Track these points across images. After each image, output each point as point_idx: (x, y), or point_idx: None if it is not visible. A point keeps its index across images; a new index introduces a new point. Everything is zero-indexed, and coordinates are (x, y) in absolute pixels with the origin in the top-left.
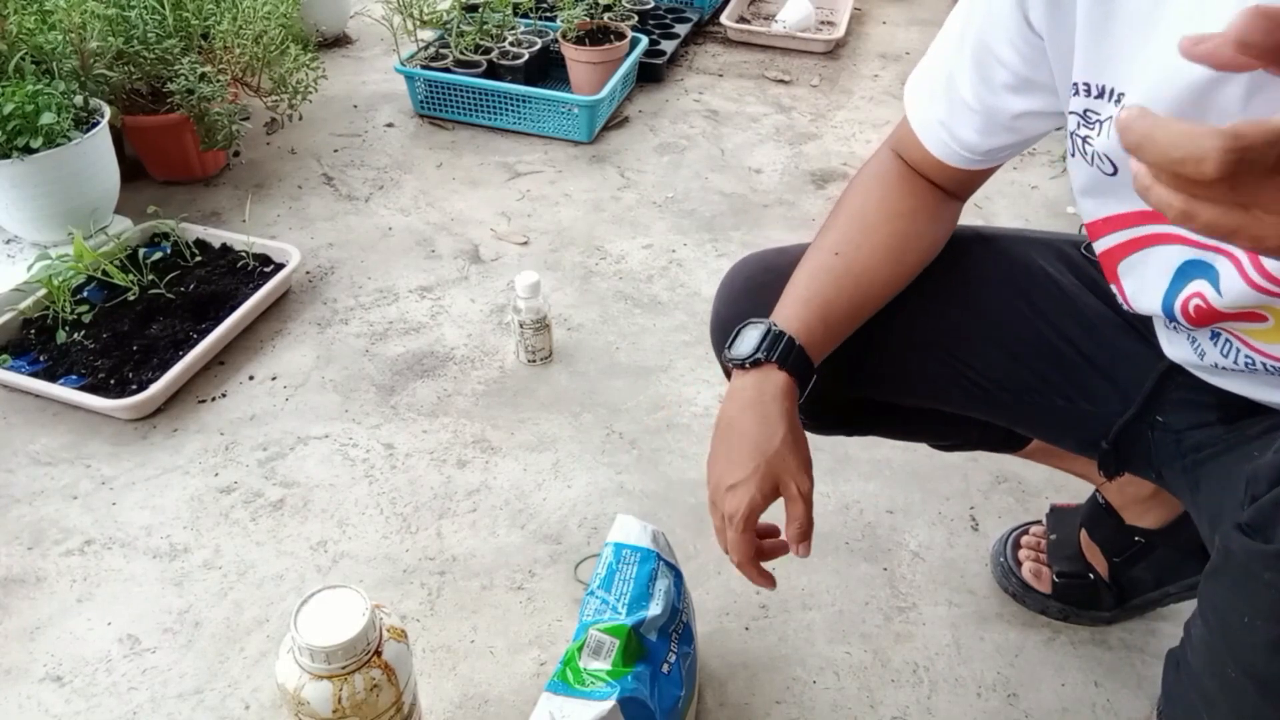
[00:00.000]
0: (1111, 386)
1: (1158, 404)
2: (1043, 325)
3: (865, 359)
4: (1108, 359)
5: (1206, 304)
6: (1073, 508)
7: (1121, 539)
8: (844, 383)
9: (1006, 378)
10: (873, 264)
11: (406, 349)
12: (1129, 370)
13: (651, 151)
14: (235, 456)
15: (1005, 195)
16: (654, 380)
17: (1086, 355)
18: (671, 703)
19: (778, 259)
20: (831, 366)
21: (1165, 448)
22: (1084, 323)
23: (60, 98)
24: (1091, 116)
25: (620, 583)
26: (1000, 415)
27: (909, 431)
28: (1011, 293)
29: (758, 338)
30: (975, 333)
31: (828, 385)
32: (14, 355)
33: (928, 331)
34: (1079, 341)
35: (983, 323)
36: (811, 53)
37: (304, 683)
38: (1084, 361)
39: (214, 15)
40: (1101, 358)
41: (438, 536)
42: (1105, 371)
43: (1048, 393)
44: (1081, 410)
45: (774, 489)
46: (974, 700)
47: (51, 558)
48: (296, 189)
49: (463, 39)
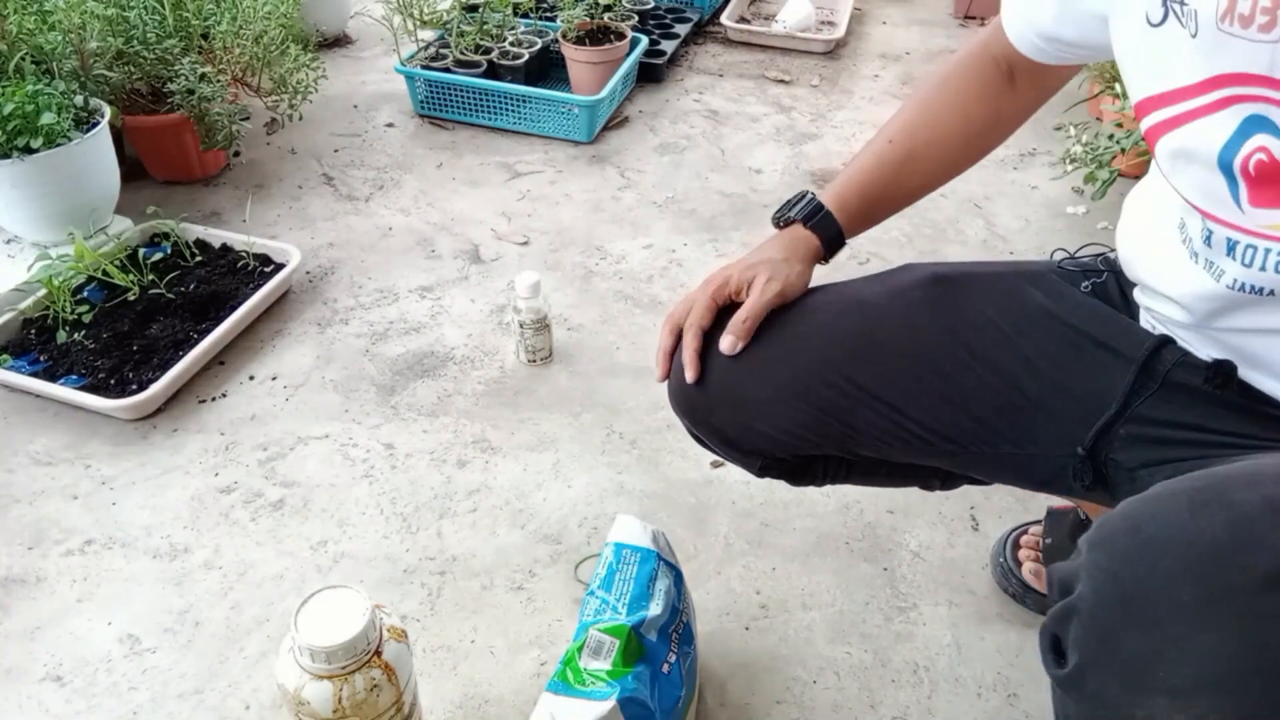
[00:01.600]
0: (1059, 427)
1: (1108, 442)
2: (985, 372)
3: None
4: (1054, 398)
5: (1271, 158)
6: (1069, 510)
7: None
8: (791, 443)
9: (950, 429)
10: (929, 151)
11: (407, 349)
12: (1078, 404)
13: (651, 151)
14: (235, 456)
15: (1006, 195)
16: (654, 380)
17: (1030, 398)
18: (671, 703)
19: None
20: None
21: (1122, 485)
22: (1027, 364)
23: (60, 98)
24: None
25: (620, 583)
26: (952, 463)
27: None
28: (953, 342)
29: (795, 202)
30: (917, 384)
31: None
32: (14, 355)
33: (869, 383)
34: (1023, 384)
35: (925, 373)
36: (811, 53)
37: (304, 683)
38: (1028, 405)
39: (214, 15)
40: (1048, 398)
41: (438, 536)
42: (1052, 411)
43: (994, 441)
44: (1029, 454)
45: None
46: (974, 700)
47: (51, 558)
48: (296, 189)
49: (463, 39)
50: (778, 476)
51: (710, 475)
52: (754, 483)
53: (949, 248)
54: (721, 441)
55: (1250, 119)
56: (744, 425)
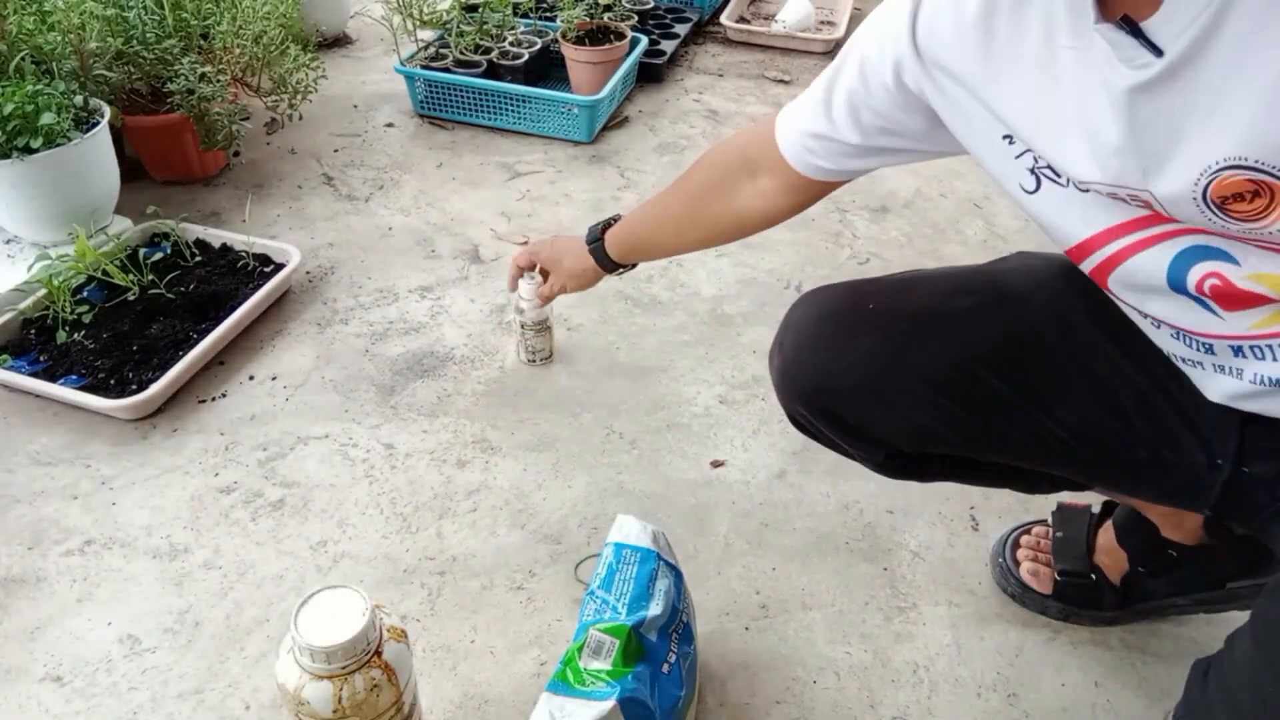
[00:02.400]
0: (1194, 435)
1: (1243, 454)
2: (1130, 368)
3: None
4: (1192, 405)
5: (1225, 281)
6: (1081, 507)
7: (1153, 550)
8: (922, 438)
9: (1095, 430)
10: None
11: (406, 349)
12: (1210, 418)
13: (651, 151)
14: (235, 456)
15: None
16: (654, 380)
17: (1173, 400)
18: (671, 703)
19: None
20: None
21: (1256, 497)
22: (1169, 366)
23: (60, 98)
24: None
25: (620, 583)
26: (1078, 472)
27: (985, 480)
28: (1104, 338)
29: (600, 225)
30: (1068, 383)
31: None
32: (14, 355)
33: (1022, 380)
34: (1166, 385)
35: (1075, 372)
36: (811, 53)
37: (304, 683)
38: (1170, 408)
39: (214, 15)
40: (1187, 404)
41: (438, 536)
42: (1190, 419)
43: (1131, 442)
44: (1164, 460)
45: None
46: (974, 700)
47: (51, 558)
48: (296, 189)
49: (463, 39)
50: (893, 472)
51: (710, 475)
52: (754, 482)
53: (949, 248)
54: (842, 431)
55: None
56: (874, 414)
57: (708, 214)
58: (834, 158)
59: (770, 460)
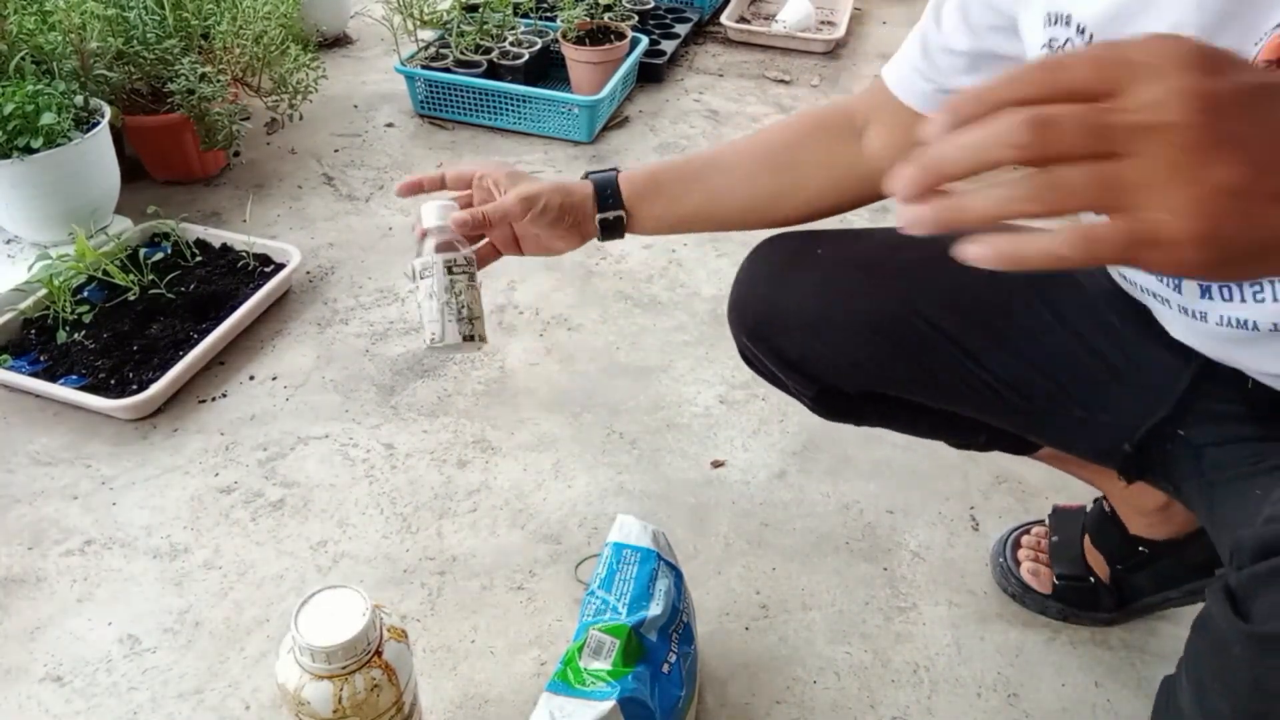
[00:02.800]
0: (1133, 398)
1: (1180, 417)
2: (1066, 334)
3: (881, 355)
4: (1133, 369)
5: None
6: (1076, 508)
7: (1125, 549)
8: (856, 376)
9: (1023, 384)
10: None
11: (407, 349)
12: (1153, 382)
13: (652, 151)
14: (235, 456)
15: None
16: (654, 380)
17: (1110, 365)
18: (672, 703)
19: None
20: (847, 360)
21: (1185, 463)
22: (1109, 331)
23: (60, 98)
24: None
25: (620, 583)
26: (1012, 422)
27: (917, 429)
28: (1036, 298)
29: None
30: (996, 336)
31: (840, 376)
32: (14, 355)
33: (953, 330)
34: (1105, 351)
35: (1009, 329)
36: (811, 53)
37: (304, 683)
38: (1106, 373)
39: (214, 15)
40: (1126, 368)
41: (438, 536)
42: (1128, 382)
43: (1066, 403)
44: (1099, 421)
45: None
46: (974, 700)
47: (51, 558)
48: (296, 189)
49: (463, 39)
50: (826, 410)
51: (710, 475)
52: (754, 482)
53: None
54: (782, 363)
55: None
56: (813, 349)
57: (801, 158)
58: (945, 75)
59: (770, 460)
